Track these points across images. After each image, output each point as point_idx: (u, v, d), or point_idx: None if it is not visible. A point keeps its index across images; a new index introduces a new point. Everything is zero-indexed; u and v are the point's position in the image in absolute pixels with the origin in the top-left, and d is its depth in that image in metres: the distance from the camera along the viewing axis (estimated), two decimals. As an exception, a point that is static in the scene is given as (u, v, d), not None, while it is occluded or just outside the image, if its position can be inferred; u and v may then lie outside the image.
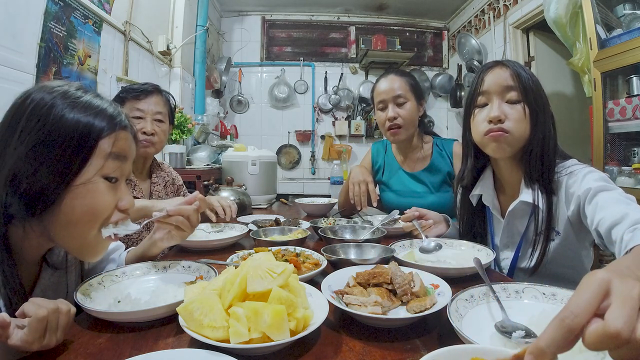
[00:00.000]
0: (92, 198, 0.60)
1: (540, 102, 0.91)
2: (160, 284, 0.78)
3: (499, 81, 0.92)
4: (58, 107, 0.58)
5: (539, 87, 0.93)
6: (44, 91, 0.59)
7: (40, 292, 0.68)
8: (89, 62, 1.88)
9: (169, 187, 1.47)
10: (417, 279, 0.70)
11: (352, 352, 0.53)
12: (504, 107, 0.91)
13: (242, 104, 4.31)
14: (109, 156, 0.61)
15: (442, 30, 4.46)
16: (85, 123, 0.59)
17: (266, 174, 2.15)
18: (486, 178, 1.06)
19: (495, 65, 0.95)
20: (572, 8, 2.23)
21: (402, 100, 1.47)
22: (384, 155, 1.68)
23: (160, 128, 1.31)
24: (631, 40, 1.84)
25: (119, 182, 0.65)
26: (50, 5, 1.58)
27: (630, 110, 1.88)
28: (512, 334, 0.52)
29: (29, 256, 0.66)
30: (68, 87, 0.62)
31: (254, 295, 0.54)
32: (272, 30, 4.35)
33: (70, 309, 0.54)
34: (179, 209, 0.82)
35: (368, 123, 4.29)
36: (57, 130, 0.57)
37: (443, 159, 1.54)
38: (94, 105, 0.61)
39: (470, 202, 1.09)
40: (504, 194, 1.04)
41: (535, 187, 0.92)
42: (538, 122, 0.90)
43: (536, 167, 0.91)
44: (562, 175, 0.91)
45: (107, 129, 0.61)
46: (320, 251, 0.90)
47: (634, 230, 0.64)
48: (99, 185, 0.61)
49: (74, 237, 0.62)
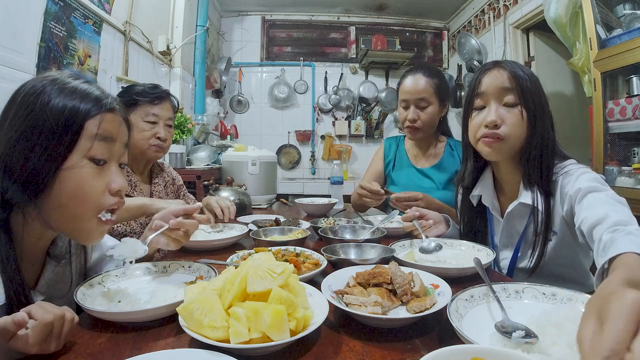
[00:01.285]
0: (79, 181, 0.61)
1: (539, 104, 0.90)
2: (160, 284, 0.78)
3: (496, 83, 0.91)
4: (46, 93, 0.59)
5: (538, 87, 0.92)
6: (36, 79, 0.61)
7: (44, 285, 0.69)
8: (89, 62, 1.88)
9: (169, 187, 1.48)
10: (417, 279, 0.70)
11: (352, 352, 0.53)
12: (500, 110, 0.91)
13: (242, 104, 4.31)
14: (95, 137, 0.62)
15: (442, 30, 4.47)
16: (70, 107, 0.60)
17: (266, 174, 2.15)
18: (486, 178, 1.06)
19: (493, 67, 0.94)
20: (572, 8, 2.23)
21: (425, 104, 1.47)
22: (396, 150, 1.70)
23: (170, 133, 1.35)
24: (631, 40, 1.84)
25: (109, 164, 0.65)
26: (50, 5, 1.58)
27: (630, 110, 1.88)
28: (512, 334, 0.52)
29: (33, 248, 0.66)
30: (60, 74, 0.63)
31: (254, 295, 0.54)
32: (272, 30, 4.36)
33: (74, 317, 0.54)
34: (181, 223, 0.83)
35: (368, 123, 4.29)
36: (44, 115, 0.58)
37: (453, 158, 1.55)
38: (81, 89, 0.62)
39: (470, 202, 1.09)
40: (504, 194, 1.04)
41: (534, 188, 0.91)
42: (536, 124, 0.89)
43: (534, 169, 0.91)
44: (558, 175, 0.91)
45: (92, 111, 0.62)
46: (320, 251, 0.90)
47: (614, 231, 0.63)
48: (85, 169, 0.61)
49: (67, 220, 0.62)
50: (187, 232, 0.85)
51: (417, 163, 1.62)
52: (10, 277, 0.58)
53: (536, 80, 0.92)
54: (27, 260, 0.65)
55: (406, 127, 1.52)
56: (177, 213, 0.84)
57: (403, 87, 1.51)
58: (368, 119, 4.30)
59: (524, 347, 0.50)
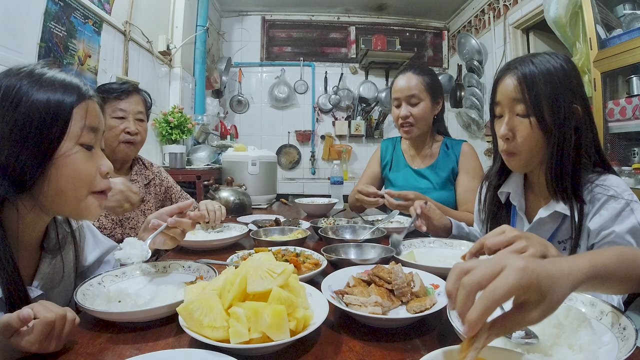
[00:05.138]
0: (74, 166, 0.64)
1: (558, 111, 0.81)
2: (160, 284, 0.78)
3: (507, 93, 0.86)
4: (27, 88, 0.60)
5: (558, 89, 0.81)
6: (11, 75, 0.61)
7: (40, 278, 0.69)
8: (89, 62, 1.88)
9: (154, 187, 1.45)
10: (417, 279, 0.70)
11: (352, 352, 0.53)
12: (513, 121, 0.86)
13: (242, 104, 4.31)
14: (83, 127, 0.64)
15: (442, 30, 4.46)
16: (55, 100, 0.61)
17: (266, 174, 2.15)
18: (516, 176, 1.01)
19: (505, 74, 0.88)
20: (572, 8, 2.23)
21: (416, 101, 1.48)
22: (393, 151, 1.70)
23: (142, 127, 1.32)
24: (631, 40, 1.84)
25: (95, 149, 0.69)
26: (50, 5, 1.58)
27: (630, 110, 1.88)
28: (513, 334, 0.52)
29: (27, 239, 0.67)
30: (34, 66, 0.64)
31: (254, 295, 0.54)
32: (272, 30, 4.35)
33: (75, 318, 0.55)
34: (178, 222, 0.85)
35: (368, 123, 4.29)
36: (30, 111, 0.59)
37: (448, 157, 1.55)
38: (60, 79, 0.64)
39: (498, 199, 1.04)
40: (533, 193, 0.99)
41: (564, 197, 0.85)
42: (552, 134, 0.82)
43: (557, 179, 0.85)
44: (597, 192, 0.83)
45: (77, 101, 0.64)
46: (320, 251, 0.90)
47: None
48: (78, 154, 0.64)
49: (66, 203, 0.65)
50: (184, 230, 0.87)
51: (414, 164, 1.62)
52: (8, 273, 0.59)
53: (557, 83, 0.82)
54: (22, 256, 0.65)
55: (400, 126, 1.52)
56: (171, 212, 0.86)
57: (394, 87, 1.53)
58: (368, 119, 4.30)
59: (524, 347, 0.50)
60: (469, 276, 0.40)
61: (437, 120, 1.58)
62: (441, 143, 1.59)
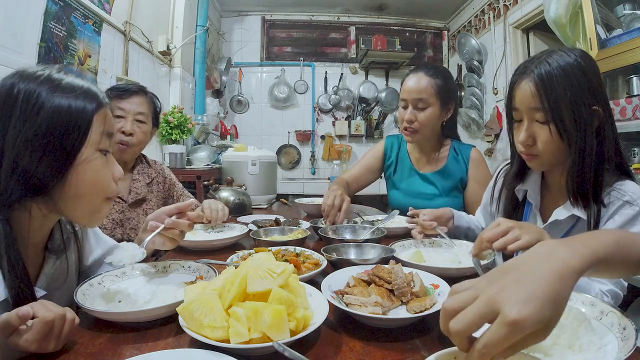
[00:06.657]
0: (94, 172, 0.65)
1: (579, 116, 0.79)
2: (160, 284, 0.78)
3: (525, 101, 0.84)
4: (48, 94, 0.60)
5: (577, 95, 0.79)
6: (28, 79, 0.61)
7: (44, 279, 0.69)
8: (89, 62, 1.88)
9: (156, 185, 1.42)
10: (417, 279, 0.70)
11: (352, 352, 0.53)
12: (533, 127, 0.85)
13: (242, 104, 4.31)
14: (102, 133, 0.66)
15: (442, 30, 4.46)
16: (77, 107, 0.62)
17: (266, 174, 2.15)
18: (534, 174, 1.01)
19: (520, 78, 0.85)
20: (572, 8, 2.23)
21: (423, 105, 1.39)
22: (398, 151, 1.61)
23: (140, 129, 1.27)
24: (631, 40, 1.84)
25: (109, 154, 0.70)
26: (50, 5, 1.58)
27: (630, 110, 1.87)
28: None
29: (34, 240, 0.68)
30: (49, 70, 0.64)
31: (254, 295, 0.54)
32: (272, 30, 4.35)
33: (75, 318, 0.55)
34: (176, 222, 0.84)
35: (368, 123, 4.29)
36: (53, 117, 0.60)
37: (458, 163, 1.48)
38: (79, 86, 0.65)
39: (515, 198, 1.03)
40: (550, 192, 0.99)
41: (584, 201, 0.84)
42: (572, 139, 0.81)
43: (578, 185, 0.83)
44: (613, 197, 0.82)
45: (97, 107, 0.65)
46: (320, 251, 0.90)
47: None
48: (98, 160, 0.66)
49: (83, 207, 0.66)
50: (182, 231, 0.86)
51: (420, 167, 1.54)
52: (17, 275, 0.58)
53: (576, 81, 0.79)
54: (28, 253, 0.66)
55: (403, 129, 1.45)
56: (170, 212, 0.85)
57: (404, 86, 1.44)
58: (368, 119, 4.30)
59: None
60: (456, 322, 0.38)
61: (446, 126, 1.49)
62: (449, 147, 1.51)
